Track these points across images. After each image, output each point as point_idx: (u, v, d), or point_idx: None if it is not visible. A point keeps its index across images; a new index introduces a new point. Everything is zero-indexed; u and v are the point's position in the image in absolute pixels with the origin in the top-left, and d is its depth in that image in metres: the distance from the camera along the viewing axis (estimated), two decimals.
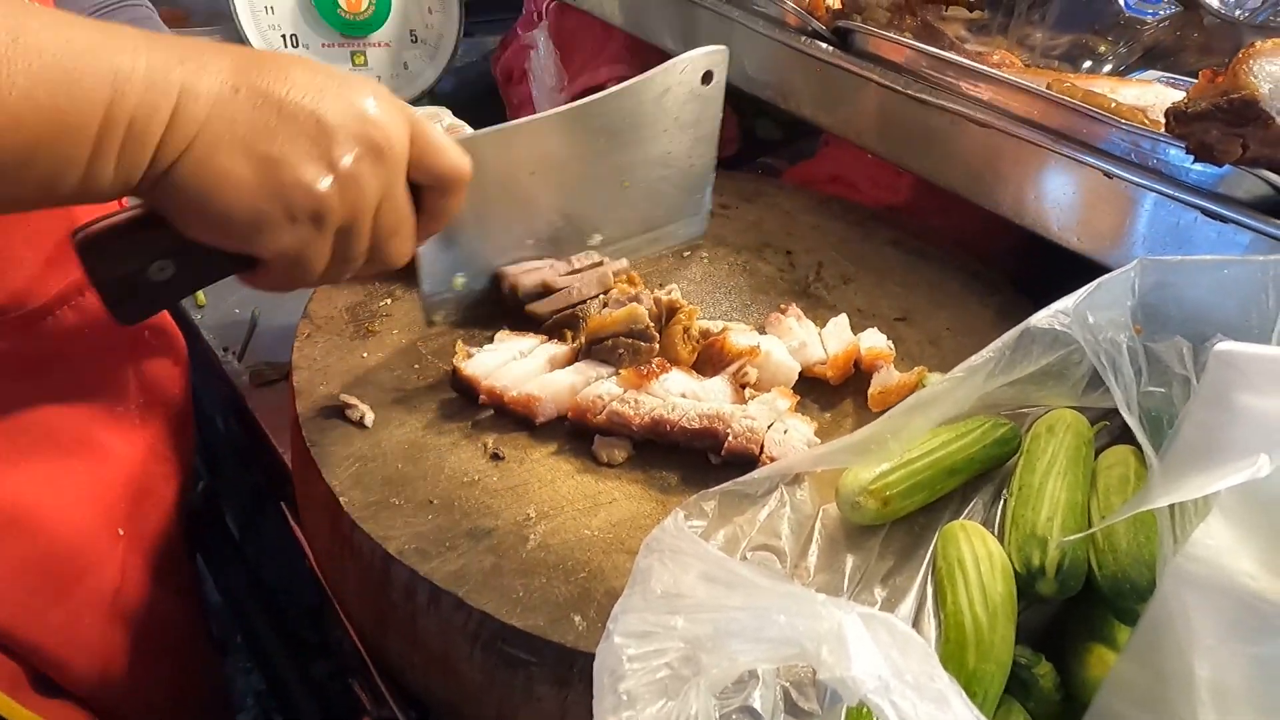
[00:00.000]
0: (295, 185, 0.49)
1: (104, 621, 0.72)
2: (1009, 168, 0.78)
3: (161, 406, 0.81)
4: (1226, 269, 0.55)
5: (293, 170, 0.48)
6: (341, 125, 0.50)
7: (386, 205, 0.54)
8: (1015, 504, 0.58)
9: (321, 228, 0.51)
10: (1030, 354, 0.58)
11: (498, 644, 0.54)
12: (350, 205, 0.51)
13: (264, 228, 0.49)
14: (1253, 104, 0.60)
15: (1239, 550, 0.45)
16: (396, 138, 0.52)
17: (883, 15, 0.94)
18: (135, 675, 0.75)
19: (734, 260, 0.89)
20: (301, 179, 0.49)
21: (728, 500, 0.57)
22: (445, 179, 0.57)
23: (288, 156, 0.48)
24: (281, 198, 0.49)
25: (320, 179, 0.49)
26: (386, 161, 0.52)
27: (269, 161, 0.48)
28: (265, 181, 0.48)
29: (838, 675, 0.35)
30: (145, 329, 0.79)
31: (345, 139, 0.50)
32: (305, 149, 0.49)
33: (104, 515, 0.72)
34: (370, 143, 0.51)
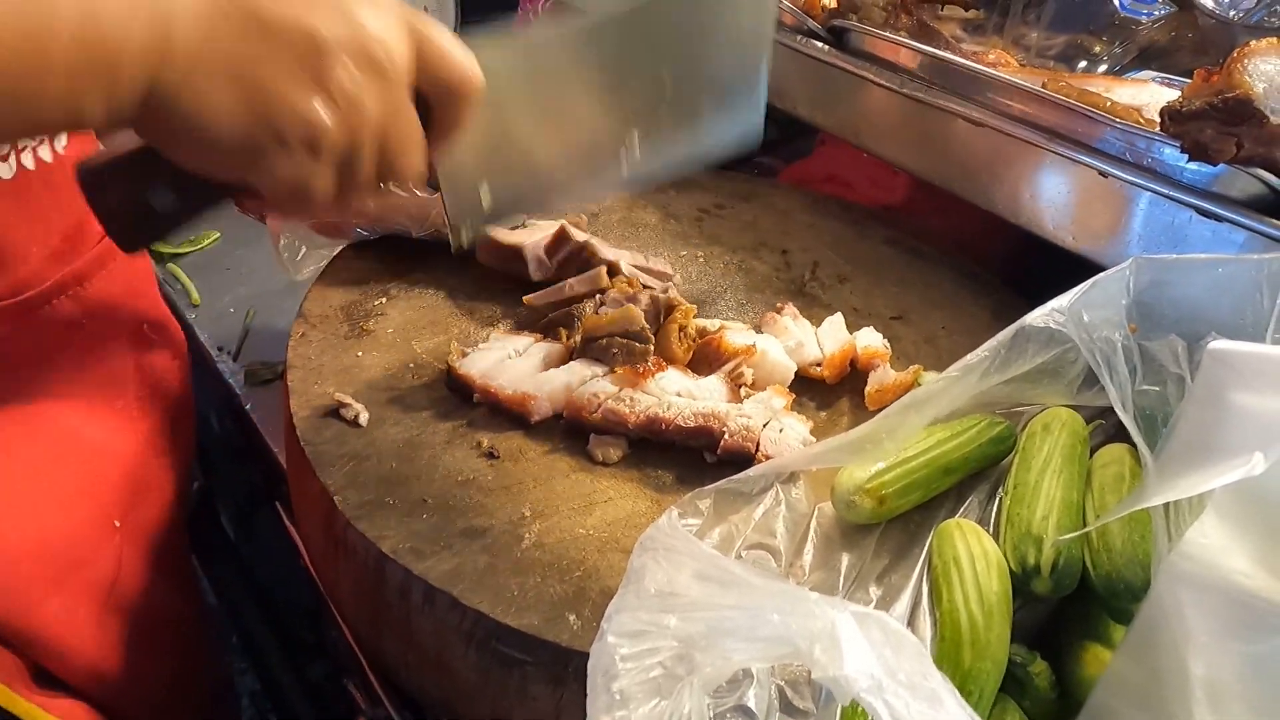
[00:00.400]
0: (286, 111, 0.46)
1: (102, 613, 0.72)
2: (1004, 167, 0.78)
3: (161, 400, 0.80)
4: (1221, 267, 0.55)
5: (282, 95, 0.46)
6: (335, 42, 0.46)
7: (391, 124, 0.50)
8: (1010, 502, 0.58)
9: (319, 155, 0.48)
10: (1025, 353, 0.58)
11: (492, 643, 0.54)
12: (350, 129, 0.48)
13: (256, 157, 0.47)
14: (1247, 103, 0.60)
15: (1233, 548, 0.45)
16: (397, 50, 0.49)
17: (878, 14, 0.94)
18: (135, 668, 0.75)
19: (729, 259, 0.89)
20: (293, 104, 0.46)
21: (723, 499, 0.56)
22: (454, 89, 0.53)
23: (276, 80, 0.45)
24: (272, 125, 0.46)
25: (313, 103, 0.46)
26: (387, 78, 0.49)
27: (257, 88, 0.45)
28: (253, 108, 0.45)
29: (831, 674, 0.35)
30: (144, 323, 0.79)
31: (339, 57, 0.47)
32: (295, 71, 0.46)
33: (100, 507, 0.72)
34: (368, 59, 0.47)
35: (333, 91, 0.47)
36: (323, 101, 0.47)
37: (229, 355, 0.98)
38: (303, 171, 0.48)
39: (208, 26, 0.44)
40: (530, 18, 1.35)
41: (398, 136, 0.51)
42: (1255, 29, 1.02)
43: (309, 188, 0.49)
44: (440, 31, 0.52)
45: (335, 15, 0.47)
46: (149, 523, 0.78)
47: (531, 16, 1.34)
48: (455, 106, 0.55)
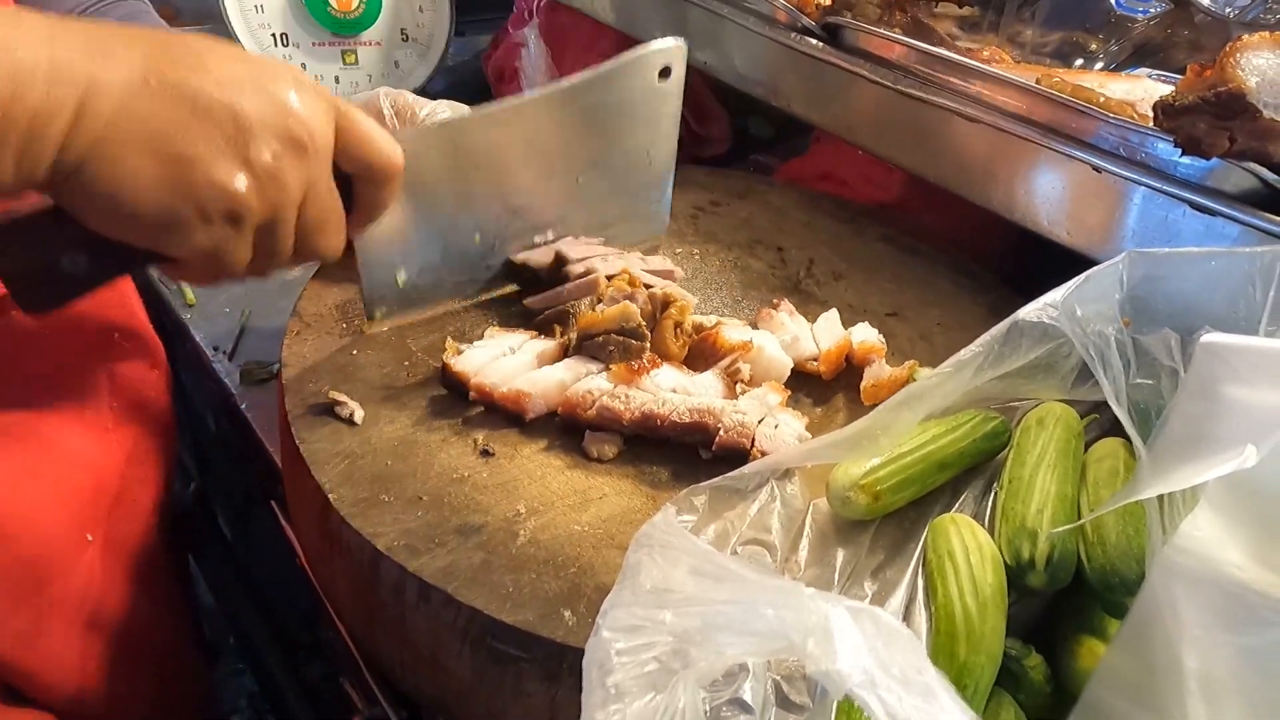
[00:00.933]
0: (208, 185, 0.47)
1: (73, 629, 0.71)
2: (999, 163, 0.78)
3: (138, 410, 0.79)
4: (1214, 261, 0.56)
5: (205, 169, 0.46)
6: (259, 119, 0.47)
7: (311, 200, 0.52)
8: (1005, 497, 0.58)
9: (239, 227, 0.49)
10: (1019, 347, 0.58)
11: (487, 640, 0.54)
12: (270, 203, 0.49)
13: (176, 228, 0.47)
14: (1240, 97, 0.60)
15: (1226, 541, 0.45)
16: (319, 130, 0.50)
17: (873, 11, 0.94)
18: (111, 685, 0.74)
19: (725, 257, 0.89)
20: (215, 178, 0.47)
21: (718, 495, 0.56)
22: (375, 170, 0.55)
23: (200, 154, 0.46)
24: (193, 198, 0.47)
25: (235, 177, 0.47)
26: (308, 156, 0.50)
27: (180, 160, 0.46)
28: (176, 181, 0.46)
29: (824, 669, 0.35)
30: (115, 331, 0.78)
31: (263, 134, 0.47)
32: (219, 146, 0.46)
33: (70, 519, 0.70)
34: (290, 137, 0.48)
35: (255, 166, 0.48)
36: (246, 176, 0.47)
37: (224, 355, 0.98)
38: (222, 242, 0.49)
39: (131, 97, 0.44)
40: (525, 17, 1.35)
41: (318, 213, 0.52)
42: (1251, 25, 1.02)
43: (227, 258, 0.50)
44: (363, 116, 0.54)
45: (260, 93, 0.48)
46: (127, 537, 0.77)
47: (526, 16, 1.35)
48: (377, 188, 0.56)
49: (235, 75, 0.47)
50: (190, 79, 0.46)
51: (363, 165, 0.54)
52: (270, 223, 0.50)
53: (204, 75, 0.46)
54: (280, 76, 0.49)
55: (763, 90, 0.98)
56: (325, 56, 1.31)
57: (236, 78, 0.47)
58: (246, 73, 0.48)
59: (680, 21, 1.05)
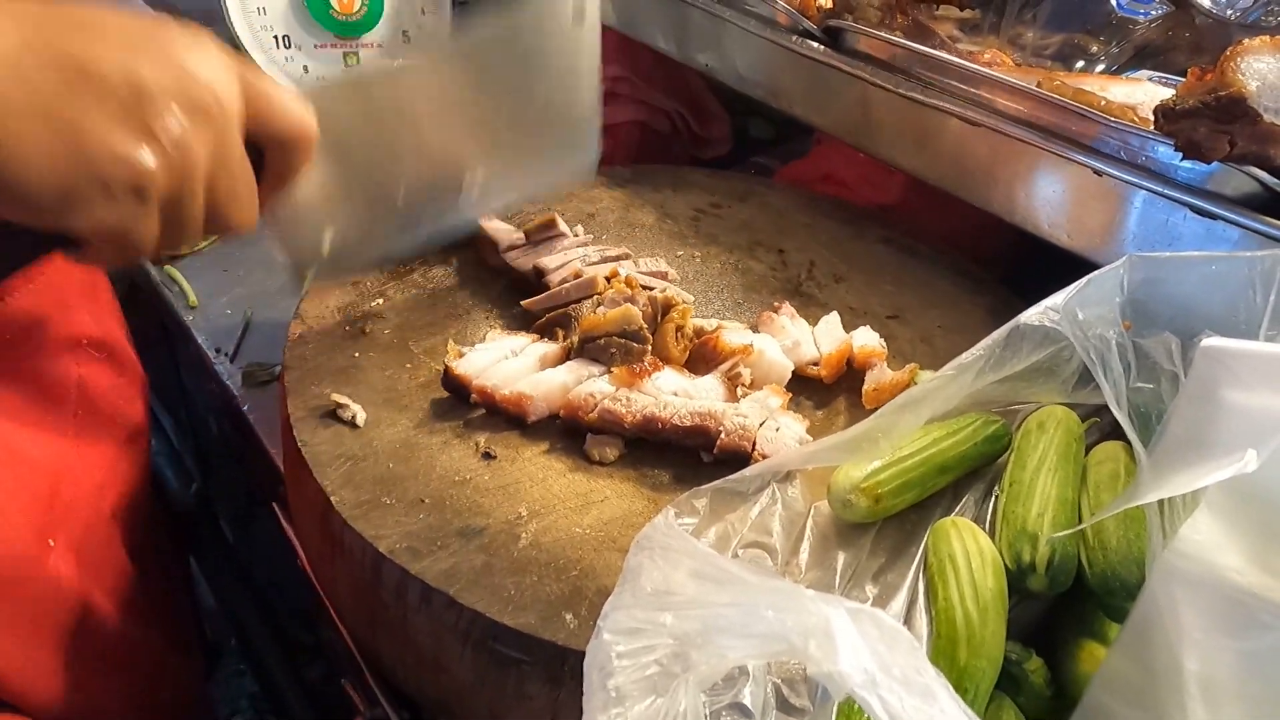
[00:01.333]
0: (107, 156, 0.43)
1: (44, 634, 0.69)
2: (999, 166, 0.78)
3: (106, 419, 0.78)
4: (1214, 265, 0.56)
5: (103, 138, 0.43)
6: (159, 84, 0.44)
7: (219, 169, 0.49)
8: (1006, 500, 0.58)
9: (144, 200, 0.46)
10: (1020, 351, 0.58)
11: (489, 643, 0.54)
12: (175, 174, 0.46)
13: (76, 203, 0.44)
14: (1240, 101, 0.60)
15: (1226, 545, 0.45)
16: (225, 95, 0.47)
17: (874, 14, 0.94)
18: (90, 690, 0.72)
19: (726, 259, 0.89)
20: (114, 148, 0.43)
21: (719, 498, 0.57)
22: (286, 137, 0.52)
23: (96, 123, 0.43)
24: (92, 170, 0.44)
25: (137, 147, 0.44)
26: (214, 122, 0.47)
27: (75, 129, 0.42)
28: (71, 152, 0.43)
29: (825, 670, 0.35)
30: (84, 339, 0.76)
31: (164, 100, 0.44)
32: (116, 114, 0.43)
33: (27, 523, 0.68)
34: (194, 103, 0.45)
35: (159, 136, 0.45)
36: (149, 146, 0.45)
37: (226, 357, 0.98)
38: (128, 218, 0.46)
39: (17, 68, 0.42)
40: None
41: (227, 183, 0.50)
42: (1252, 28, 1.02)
43: (134, 235, 0.47)
44: (271, 81, 0.52)
45: (160, 60, 0.45)
46: (99, 543, 0.75)
47: None
48: (289, 155, 0.53)
49: (132, 39, 0.44)
50: (82, 43, 0.43)
51: (274, 131, 0.51)
52: (177, 195, 0.47)
53: (98, 40, 0.43)
54: (181, 40, 0.46)
55: (764, 93, 0.98)
56: (327, 59, 1.31)
57: (133, 42, 0.44)
58: (145, 36, 0.45)
59: (682, 24, 1.05)
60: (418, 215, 0.73)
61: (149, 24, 0.46)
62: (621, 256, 0.81)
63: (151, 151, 0.45)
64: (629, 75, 1.24)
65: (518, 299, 0.80)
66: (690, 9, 1.02)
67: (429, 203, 0.73)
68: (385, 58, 0.69)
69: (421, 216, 0.73)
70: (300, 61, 1.30)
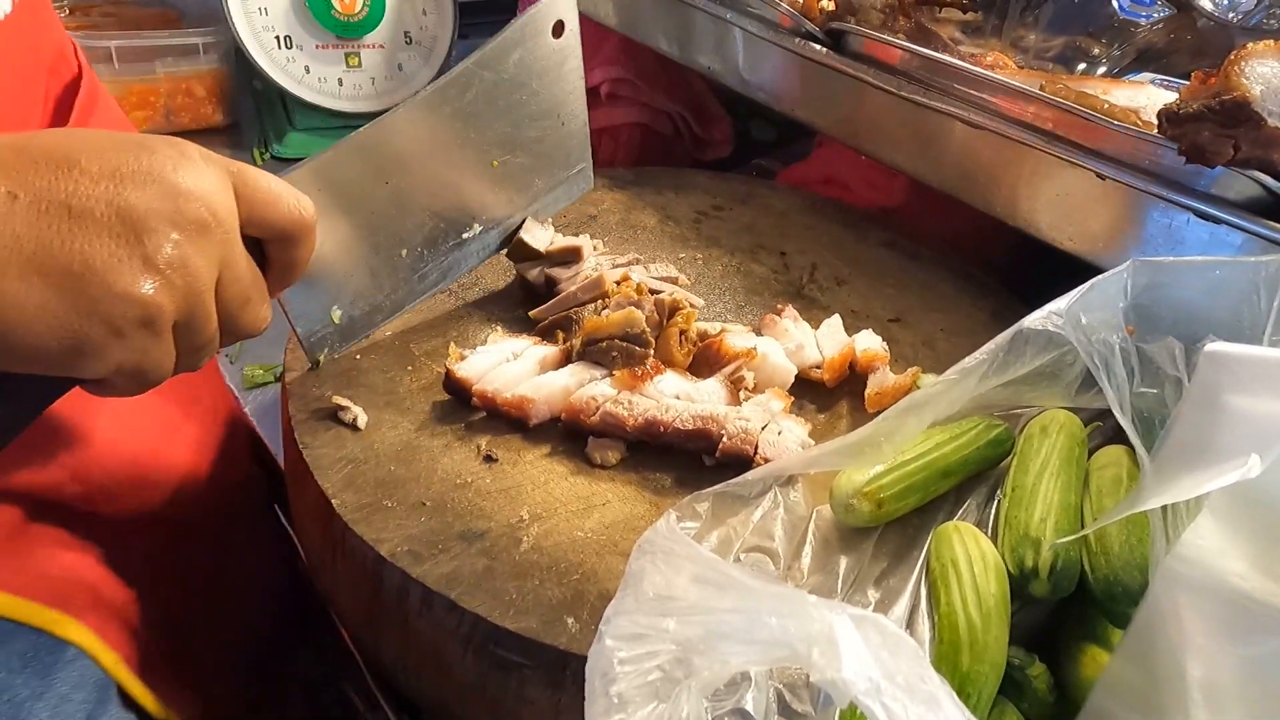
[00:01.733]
0: (111, 298, 0.42)
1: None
2: (1002, 169, 0.78)
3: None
4: (1218, 270, 0.56)
5: (103, 281, 0.42)
6: (150, 210, 0.43)
7: (227, 278, 0.48)
8: (1009, 505, 0.58)
9: (157, 332, 0.45)
10: (1024, 355, 0.58)
11: (490, 647, 0.54)
12: (183, 297, 0.45)
13: (87, 352, 0.43)
14: (1244, 105, 0.60)
15: (1229, 550, 0.45)
16: (220, 205, 0.46)
17: (876, 17, 0.94)
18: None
19: (728, 261, 0.89)
20: (116, 287, 0.42)
21: (721, 502, 0.56)
22: (286, 232, 0.51)
23: (93, 266, 0.41)
24: (98, 316, 0.42)
25: (138, 282, 0.43)
26: (213, 235, 0.45)
27: (71, 276, 0.41)
28: (74, 301, 0.41)
29: (829, 677, 0.35)
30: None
31: (159, 225, 0.43)
32: (112, 250, 0.42)
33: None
34: (190, 220, 0.44)
35: (159, 265, 0.43)
36: (151, 278, 0.43)
37: (227, 359, 0.98)
38: (142, 353, 0.45)
39: (9, 221, 0.40)
40: None
41: (237, 291, 0.49)
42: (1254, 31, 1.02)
43: (151, 364, 0.46)
44: (260, 174, 0.50)
45: (147, 183, 0.43)
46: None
47: None
48: (292, 248, 0.52)
49: (114, 166, 0.42)
50: (62, 182, 0.41)
51: (273, 227, 0.50)
52: (189, 317, 0.46)
53: (79, 176, 0.41)
54: (163, 155, 0.44)
55: (766, 95, 0.98)
56: (329, 59, 1.31)
57: (116, 169, 0.42)
58: (122, 159, 0.43)
59: (684, 26, 1.05)
60: (426, 263, 0.73)
61: (128, 143, 0.44)
62: (632, 262, 0.81)
63: (155, 282, 0.43)
64: (631, 77, 1.24)
65: (519, 300, 0.80)
66: (692, 11, 1.02)
67: (437, 248, 0.73)
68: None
69: (430, 263, 0.73)
70: (301, 62, 1.31)
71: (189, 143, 0.46)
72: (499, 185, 0.76)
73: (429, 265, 0.73)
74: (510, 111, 0.73)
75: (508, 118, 0.73)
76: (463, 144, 0.71)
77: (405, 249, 0.71)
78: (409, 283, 0.73)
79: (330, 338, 0.70)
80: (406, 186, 0.69)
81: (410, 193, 0.69)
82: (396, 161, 0.68)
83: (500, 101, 0.72)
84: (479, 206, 0.75)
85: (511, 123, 0.74)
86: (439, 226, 0.73)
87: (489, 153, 0.73)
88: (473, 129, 0.71)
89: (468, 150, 0.72)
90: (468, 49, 1.54)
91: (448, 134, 0.70)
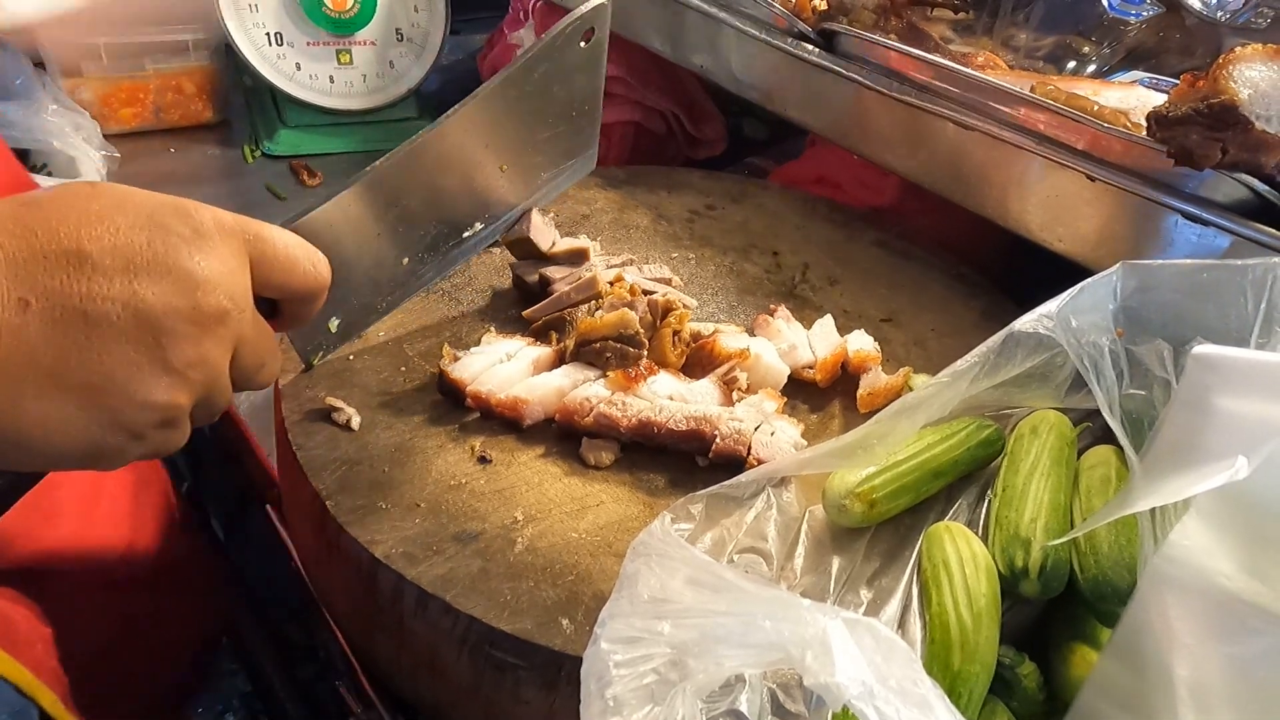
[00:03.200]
0: (132, 407, 0.41)
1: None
2: (993, 170, 0.79)
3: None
4: (1206, 273, 0.56)
5: (123, 390, 0.40)
6: (166, 309, 0.41)
7: (242, 352, 0.47)
8: (999, 505, 0.59)
9: (176, 425, 0.45)
10: (1014, 357, 0.58)
11: (485, 647, 0.54)
12: (202, 388, 0.44)
13: (106, 455, 0.43)
14: (1232, 109, 0.61)
15: (1216, 551, 0.46)
16: (238, 287, 0.44)
17: (868, 17, 0.94)
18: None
19: (721, 261, 0.89)
20: (137, 397, 0.41)
21: (715, 503, 0.57)
22: (301, 294, 0.51)
23: (113, 377, 0.40)
24: (120, 425, 0.41)
25: (158, 389, 0.42)
26: (230, 321, 0.44)
27: (92, 391, 0.40)
28: (95, 415, 0.40)
29: (822, 681, 0.35)
30: None
31: (176, 325, 0.41)
32: (132, 359, 0.40)
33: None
34: (207, 315, 0.42)
35: (178, 366, 0.42)
36: (171, 381, 0.42)
37: None
38: (161, 445, 0.45)
39: (24, 332, 0.38)
40: (520, 18, 1.35)
41: (252, 361, 0.48)
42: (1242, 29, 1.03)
43: (171, 445, 0.46)
44: (277, 237, 0.48)
45: (161, 275, 0.41)
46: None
47: (522, 17, 1.34)
48: (303, 305, 0.52)
49: (123, 257, 0.40)
50: (73, 283, 0.39)
51: (288, 291, 0.50)
52: (205, 400, 0.46)
53: (88, 271, 0.39)
54: (173, 233, 0.42)
55: (758, 95, 0.98)
56: (320, 56, 1.30)
57: (125, 260, 0.40)
58: (134, 246, 0.40)
59: (677, 25, 1.05)
60: (425, 264, 0.72)
61: (139, 220, 0.41)
62: (626, 262, 0.81)
63: (174, 385, 0.42)
64: (624, 75, 1.24)
65: (512, 300, 0.80)
66: (685, 10, 1.02)
67: (438, 250, 0.73)
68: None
69: (429, 264, 0.73)
70: (292, 59, 1.30)
71: (202, 211, 0.44)
72: (505, 183, 0.75)
73: (427, 266, 0.73)
74: (529, 118, 0.72)
75: (525, 125, 0.73)
76: (479, 159, 0.71)
77: (407, 258, 0.70)
78: (406, 285, 0.73)
79: (325, 343, 0.70)
80: (419, 208, 0.69)
81: (421, 213, 0.69)
82: (414, 187, 0.67)
83: (521, 112, 0.71)
84: (483, 206, 0.74)
85: (528, 128, 0.73)
86: (442, 232, 0.72)
87: (501, 157, 0.73)
88: (490, 143, 0.71)
89: (483, 163, 0.72)
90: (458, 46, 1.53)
91: (467, 153, 0.70)
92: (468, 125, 0.69)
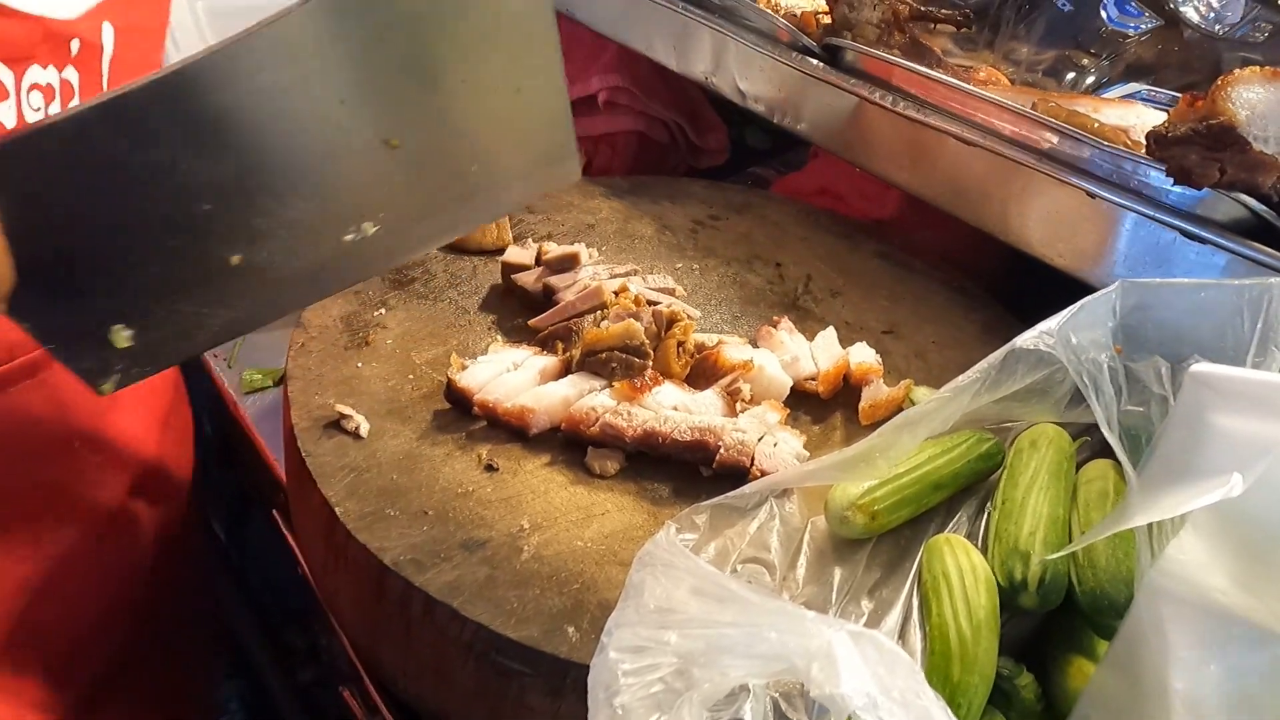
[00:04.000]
0: None
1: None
2: (994, 185, 0.80)
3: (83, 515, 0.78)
4: (1204, 292, 0.57)
5: None
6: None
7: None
8: (999, 518, 0.60)
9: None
10: (1015, 373, 0.59)
11: (491, 655, 0.55)
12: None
13: None
14: (1231, 129, 0.62)
15: (1211, 565, 0.46)
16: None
17: (872, 32, 0.95)
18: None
19: (724, 272, 0.90)
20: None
21: (718, 514, 0.58)
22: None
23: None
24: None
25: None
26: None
27: None
28: None
29: (827, 692, 0.36)
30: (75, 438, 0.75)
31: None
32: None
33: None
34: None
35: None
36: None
37: (225, 361, 0.98)
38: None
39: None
40: None
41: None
42: (1239, 43, 1.04)
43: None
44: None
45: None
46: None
47: None
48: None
49: None
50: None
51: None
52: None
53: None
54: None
55: (762, 108, 0.99)
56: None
57: None
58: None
59: (682, 37, 1.06)
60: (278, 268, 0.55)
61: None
62: (630, 273, 0.82)
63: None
64: (628, 85, 1.25)
65: (519, 309, 0.80)
66: (690, 21, 1.03)
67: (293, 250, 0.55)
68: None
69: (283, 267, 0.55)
70: None
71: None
72: (398, 172, 0.56)
73: (282, 270, 0.55)
74: (430, 71, 0.54)
75: (424, 87, 0.54)
76: (344, 102, 0.51)
77: (236, 254, 0.53)
78: (256, 294, 0.55)
79: (115, 363, 0.53)
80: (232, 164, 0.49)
81: (235, 173, 0.50)
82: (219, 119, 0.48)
83: (416, 52, 0.53)
84: (363, 200, 0.56)
85: (427, 88, 0.55)
86: (301, 227, 0.54)
87: (384, 126, 0.54)
88: (366, 85, 0.52)
89: (352, 115, 0.52)
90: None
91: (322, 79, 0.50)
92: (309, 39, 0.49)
